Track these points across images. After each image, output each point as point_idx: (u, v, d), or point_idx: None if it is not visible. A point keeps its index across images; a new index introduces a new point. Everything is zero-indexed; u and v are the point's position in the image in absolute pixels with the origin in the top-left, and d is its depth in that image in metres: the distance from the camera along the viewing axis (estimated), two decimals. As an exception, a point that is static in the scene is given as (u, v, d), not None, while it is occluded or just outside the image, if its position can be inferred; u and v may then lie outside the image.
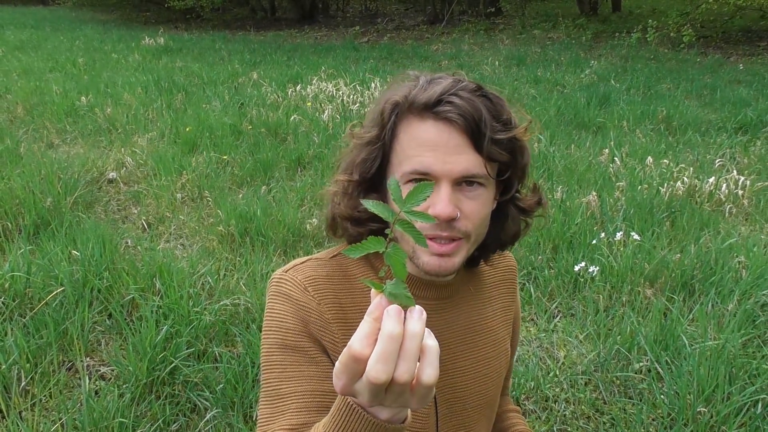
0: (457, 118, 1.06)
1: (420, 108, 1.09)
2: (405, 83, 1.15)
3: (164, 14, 22.37)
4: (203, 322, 3.22)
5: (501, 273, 1.40)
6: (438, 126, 1.08)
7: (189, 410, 2.79)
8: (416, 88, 1.11)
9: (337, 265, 1.23)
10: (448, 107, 1.06)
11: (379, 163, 1.15)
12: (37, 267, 3.63)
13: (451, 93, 1.07)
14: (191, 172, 5.46)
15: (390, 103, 1.13)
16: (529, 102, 8.51)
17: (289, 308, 1.16)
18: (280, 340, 1.15)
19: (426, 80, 1.13)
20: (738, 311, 3.29)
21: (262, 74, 10.40)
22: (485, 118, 1.07)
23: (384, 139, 1.13)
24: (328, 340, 1.15)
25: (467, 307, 1.28)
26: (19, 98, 8.48)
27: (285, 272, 1.20)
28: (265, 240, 4.25)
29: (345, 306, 1.18)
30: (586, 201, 4.68)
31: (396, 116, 1.12)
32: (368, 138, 1.15)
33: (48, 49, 14.06)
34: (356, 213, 1.17)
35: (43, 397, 2.80)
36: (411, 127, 1.11)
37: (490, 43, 14.97)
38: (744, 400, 2.69)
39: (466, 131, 1.07)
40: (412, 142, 1.10)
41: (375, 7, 23.92)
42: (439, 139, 1.07)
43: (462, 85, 1.10)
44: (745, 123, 7.20)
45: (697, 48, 12.81)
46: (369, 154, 1.15)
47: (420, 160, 1.08)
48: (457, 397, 1.25)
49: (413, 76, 1.17)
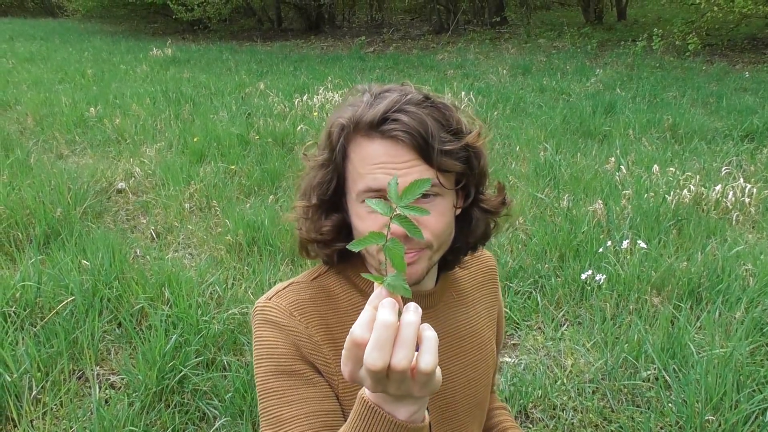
0: (403, 136, 1.06)
1: (366, 127, 1.09)
2: (352, 100, 1.15)
3: (172, 25, 22.50)
4: (212, 330, 3.24)
5: (481, 275, 1.42)
6: (385, 144, 1.08)
7: (198, 419, 2.81)
8: (362, 107, 1.11)
9: (318, 287, 1.24)
10: (393, 125, 1.07)
11: (335, 184, 1.16)
12: (48, 277, 3.66)
13: (396, 110, 1.07)
14: (199, 182, 5.50)
15: (336, 125, 1.13)
16: (534, 111, 8.53)
17: (278, 334, 1.17)
18: (274, 366, 1.16)
19: (371, 97, 1.13)
20: (745, 319, 3.29)
21: (268, 84, 10.44)
22: (432, 131, 1.07)
23: (336, 161, 1.14)
24: (320, 363, 1.17)
25: (451, 314, 1.29)
26: (29, 109, 8.55)
27: (268, 300, 1.21)
28: (272, 249, 4.28)
29: (331, 326, 1.19)
30: (593, 209, 4.68)
31: (344, 138, 1.13)
32: (321, 161, 1.16)
33: (57, 60, 14.17)
34: (319, 236, 1.18)
35: (54, 405, 2.82)
36: (360, 147, 1.11)
37: (495, 52, 15.00)
38: (752, 408, 2.69)
39: (413, 147, 1.07)
40: (362, 161, 1.10)
41: (381, 18, 24.01)
42: (388, 157, 1.08)
43: (407, 98, 1.10)
44: (752, 131, 7.19)
45: (703, 56, 12.81)
46: (324, 177, 1.16)
47: (373, 178, 1.08)
48: (448, 403, 1.26)
49: (362, 89, 1.17)
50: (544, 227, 4.42)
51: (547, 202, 5.03)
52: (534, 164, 5.91)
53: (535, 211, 4.90)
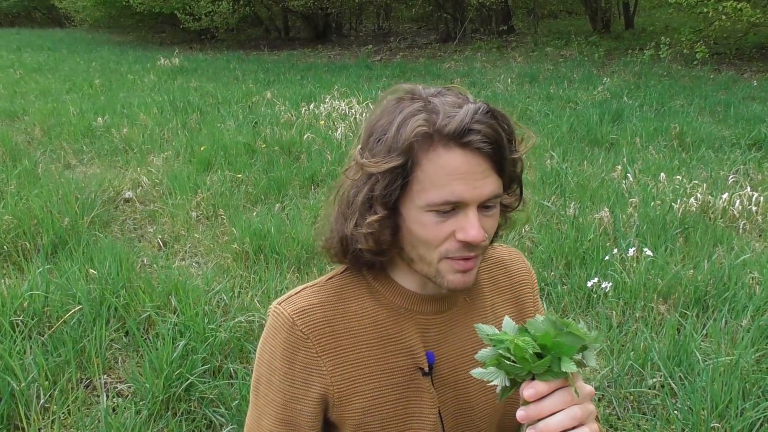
0: (485, 147, 1.06)
1: (447, 137, 1.07)
2: (408, 104, 1.11)
3: (179, 35, 22.60)
4: (218, 338, 3.25)
5: (505, 279, 1.39)
6: (466, 155, 1.07)
7: (205, 426, 2.82)
8: (437, 116, 1.08)
9: (332, 288, 1.24)
10: (476, 136, 1.05)
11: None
12: (55, 286, 3.68)
13: (475, 121, 1.06)
14: (206, 191, 5.52)
15: (419, 133, 1.07)
16: (541, 119, 8.53)
17: (278, 345, 1.19)
18: (267, 376, 1.21)
19: (439, 103, 1.09)
20: (752, 327, 3.28)
21: (275, 93, 10.49)
22: (505, 142, 1.08)
23: (407, 168, 1.10)
24: (316, 375, 1.18)
25: (466, 319, 1.28)
26: (37, 119, 8.60)
27: (279, 305, 1.21)
28: (279, 257, 4.29)
29: (337, 333, 1.19)
30: (599, 217, 4.68)
31: (418, 144, 1.09)
32: (391, 167, 1.09)
33: (65, 70, 14.27)
34: (380, 246, 1.15)
35: (61, 414, 2.83)
36: (437, 155, 1.07)
37: (502, 60, 15.02)
38: (758, 415, 2.68)
39: (491, 157, 1.07)
40: (439, 170, 1.07)
41: (388, 26, 24.08)
42: (469, 167, 1.07)
43: (478, 108, 1.07)
44: (759, 139, 7.18)
45: (711, 64, 12.80)
46: (391, 183, 1.10)
47: (451, 190, 1.07)
48: (462, 409, 1.26)
49: (410, 89, 1.14)
50: (550, 235, 4.42)
51: (553, 210, 5.03)
52: (541, 172, 5.91)
53: (541, 218, 4.91)
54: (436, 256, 1.12)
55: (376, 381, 1.20)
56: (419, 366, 1.22)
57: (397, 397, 1.21)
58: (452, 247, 1.10)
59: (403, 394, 1.21)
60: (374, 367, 1.20)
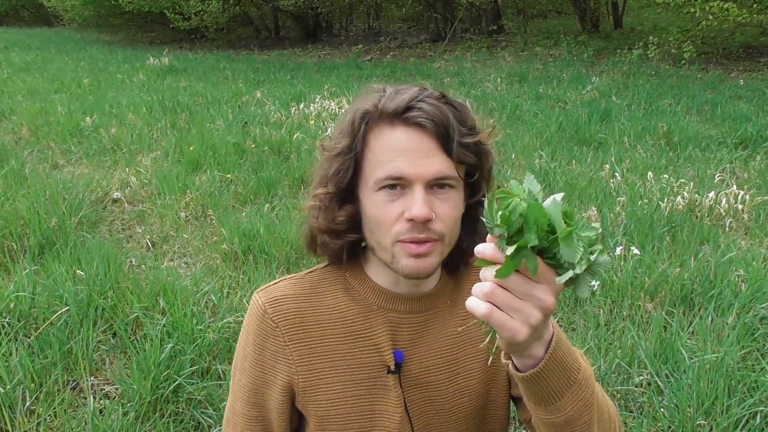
0: (426, 123, 1.10)
1: (390, 115, 1.13)
2: (371, 95, 1.18)
3: (169, 34, 22.51)
4: (207, 339, 3.24)
5: None
6: (408, 131, 1.12)
7: (193, 428, 2.81)
8: (384, 98, 1.15)
9: (309, 281, 1.28)
10: (417, 113, 1.10)
11: (353, 173, 1.17)
12: (42, 287, 3.66)
13: (419, 100, 1.12)
14: (195, 191, 5.51)
15: (360, 112, 1.16)
16: (530, 118, 8.55)
17: (251, 332, 1.24)
18: (241, 361, 1.27)
19: (392, 90, 1.17)
20: (737, 324, 3.31)
21: (265, 93, 10.47)
22: (452, 123, 1.12)
23: (356, 149, 1.16)
24: (282, 363, 1.22)
25: (444, 321, 1.28)
26: (24, 119, 8.57)
27: (257, 293, 1.26)
28: (268, 258, 4.29)
29: (307, 324, 1.23)
30: (587, 216, 4.70)
31: (366, 125, 1.16)
32: (340, 148, 1.17)
33: (53, 70, 14.19)
34: (333, 225, 1.19)
35: (47, 416, 2.82)
36: (382, 134, 1.14)
37: (492, 60, 15.04)
38: (743, 412, 2.71)
39: (435, 135, 1.11)
40: (383, 148, 1.13)
41: (378, 26, 24.05)
42: (411, 144, 1.11)
43: (427, 93, 1.14)
44: (746, 138, 7.22)
45: (698, 64, 12.85)
46: (342, 164, 1.17)
47: (393, 165, 1.11)
48: (436, 410, 1.26)
49: (378, 87, 1.20)
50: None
51: (541, 209, 5.03)
52: (529, 171, 5.91)
53: (529, 218, 4.90)
54: (389, 240, 1.14)
55: (341, 375, 1.22)
56: (386, 363, 1.23)
57: (363, 392, 1.22)
58: (402, 229, 1.12)
59: (368, 390, 1.22)
60: (340, 362, 1.22)
